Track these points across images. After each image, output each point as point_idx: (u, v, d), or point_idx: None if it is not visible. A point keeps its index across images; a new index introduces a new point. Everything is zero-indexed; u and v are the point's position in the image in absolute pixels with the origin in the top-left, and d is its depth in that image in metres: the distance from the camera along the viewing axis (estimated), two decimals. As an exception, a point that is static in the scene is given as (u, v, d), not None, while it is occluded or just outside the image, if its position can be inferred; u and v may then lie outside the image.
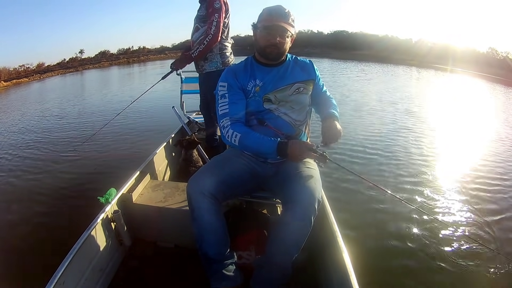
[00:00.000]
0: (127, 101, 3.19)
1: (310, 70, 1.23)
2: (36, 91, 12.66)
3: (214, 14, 1.81)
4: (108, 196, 1.31)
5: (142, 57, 30.59)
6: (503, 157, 3.53)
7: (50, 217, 2.13)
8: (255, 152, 1.14)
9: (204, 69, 2.03)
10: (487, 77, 17.22)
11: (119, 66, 23.43)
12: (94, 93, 9.73)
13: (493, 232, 2.01)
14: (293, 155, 1.02)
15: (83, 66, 23.93)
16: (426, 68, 19.20)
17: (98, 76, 16.69)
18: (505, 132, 4.75)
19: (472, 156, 3.48)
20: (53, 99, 8.94)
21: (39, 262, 1.50)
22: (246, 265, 1.19)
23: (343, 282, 0.96)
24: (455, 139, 4.26)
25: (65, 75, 18.99)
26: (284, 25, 1.07)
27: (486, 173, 3.01)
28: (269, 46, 1.11)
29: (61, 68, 23.14)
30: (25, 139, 4.30)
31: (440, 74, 16.76)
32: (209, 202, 1.01)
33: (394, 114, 5.51)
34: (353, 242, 1.33)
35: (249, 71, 1.18)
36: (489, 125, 5.23)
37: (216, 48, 1.97)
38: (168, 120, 4.46)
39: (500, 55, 25.88)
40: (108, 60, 28.43)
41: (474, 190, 2.61)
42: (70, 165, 3.13)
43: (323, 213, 1.26)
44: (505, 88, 12.64)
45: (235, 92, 1.15)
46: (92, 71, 20.66)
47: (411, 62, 22.17)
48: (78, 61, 27.91)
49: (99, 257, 1.19)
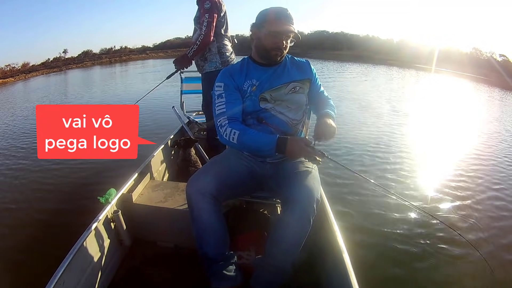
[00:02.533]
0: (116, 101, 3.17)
1: (307, 70, 1.23)
2: (29, 89, 12.48)
3: (205, 14, 1.87)
4: (108, 196, 1.31)
5: (124, 57, 30.38)
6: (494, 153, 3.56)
7: (50, 217, 2.12)
8: (253, 150, 1.12)
9: (204, 69, 2.05)
10: (471, 77, 17.30)
11: (101, 66, 23.21)
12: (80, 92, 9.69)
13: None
14: (291, 152, 1.01)
15: (66, 66, 23.68)
16: (408, 68, 19.05)
17: (81, 76, 16.34)
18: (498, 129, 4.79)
19: (470, 154, 3.51)
20: (41, 97, 8.92)
21: (39, 262, 1.50)
22: (246, 265, 1.19)
23: (343, 282, 0.96)
24: (442, 135, 4.34)
25: (49, 75, 18.62)
26: (292, 29, 1.09)
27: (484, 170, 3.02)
28: (275, 49, 1.12)
29: (46, 67, 22.85)
30: (24, 137, 4.30)
31: (422, 74, 16.65)
32: (208, 202, 1.01)
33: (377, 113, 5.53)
34: (353, 242, 1.32)
35: (245, 71, 1.18)
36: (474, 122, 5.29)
37: (214, 47, 1.99)
38: (168, 120, 4.46)
39: (484, 55, 25.85)
40: (91, 59, 28.23)
41: (474, 189, 2.62)
42: (70, 165, 3.12)
43: (323, 213, 1.26)
44: (488, 87, 12.75)
45: (231, 92, 1.15)
46: (75, 70, 20.44)
47: (392, 62, 22.03)
48: (62, 61, 27.54)
49: (99, 257, 1.19)
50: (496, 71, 18.58)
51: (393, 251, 1.81)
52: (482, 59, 24.73)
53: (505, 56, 24.77)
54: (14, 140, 4.32)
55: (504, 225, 2.13)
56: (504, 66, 21.05)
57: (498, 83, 14.69)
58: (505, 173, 3.10)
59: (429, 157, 3.38)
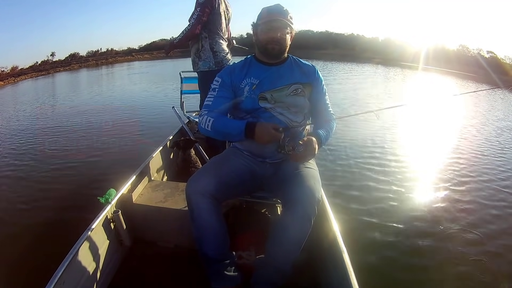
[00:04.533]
0: (112, 102, 3.15)
1: (311, 74, 1.22)
2: (25, 91, 12.39)
3: (197, 8, 1.94)
4: (108, 196, 1.31)
5: (110, 59, 30.64)
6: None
7: (50, 217, 2.12)
8: (225, 135, 1.14)
9: (198, 67, 2.10)
10: (459, 74, 17.32)
11: (88, 69, 23.23)
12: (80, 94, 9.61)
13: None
14: (259, 136, 1.02)
15: (54, 69, 23.63)
16: (393, 66, 18.99)
17: (68, 80, 15.90)
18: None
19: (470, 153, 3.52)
20: (34, 99, 8.87)
21: (39, 262, 1.50)
22: (246, 265, 1.19)
23: (343, 282, 0.96)
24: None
25: (37, 78, 18.39)
26: (280, 18, 1.10)
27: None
28: (271, 42, 1.12)
29: (34, 71, 22.83)
30: (24, 137, 4.30)
31: (408, 72, 16.58)
32: (208, 202, 1.01)
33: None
34: (353, 242, 1.32)
35: (246, 69, 1.19)
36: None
37: (207, 43, 2.04)
38: (168, 120, 4.46)
39: (471, 52, 25.87)
40: (78, 62, 28.34)
41: (474, 187, 2.62)
42: (70, 165, 3.12)
43: (323, 213, 1.26)
44: (475, 84, 12.77)
45: (225, 90, 1.17)
46: (62, 74, 20.35)
47: (377, 61, 21.95)
48: (49, 64, 27.48)
49: (99, 257, 1.19)
50: (483, 68, 18.65)
51: (393, 251, 1.80)
52: (470, 56, 24.79)
53: (493, 52, 24.84)
54: (13, 138, 4.32)
55: (504, 224, 2.13)
56: (491, 63, 21.12)
57: (485, 80, 14.80)
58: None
59: (428, 157, 3.39)
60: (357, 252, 1.21)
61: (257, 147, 1.15)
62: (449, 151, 3.58)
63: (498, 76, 15.38)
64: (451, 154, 3.48)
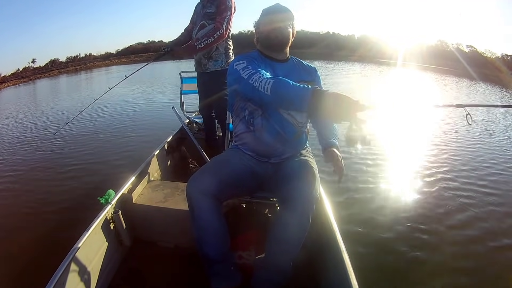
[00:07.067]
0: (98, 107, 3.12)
1: (313, 74, 1.25)
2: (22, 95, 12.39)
3: (227, 11, 1.87)
4: (108, 197, 1.31)
5: (89, 64, 31.08)
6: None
7: (50, 217, 2.12)
8: (287, 100, 0.91)
9: (207, 68, 2.01)
10: (438, 69, 17.52)
11: (67, 74, 23.40)
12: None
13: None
14: (335, 104, 0.79)
15: (35, 76, 23.78)
16: (371, 64, 18.96)
17: (49, 86, 15.50)
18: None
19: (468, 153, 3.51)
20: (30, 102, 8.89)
21: (39, 262, 1.50)
22: (246, 265, 1.19)
23: (343, 282, 0.95)
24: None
25: (18, 86, 18.21)
26: (285, 14, 1.14)
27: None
28: (273, 31, 1.13)
29: (16, 78, 22.98)
30: (25, 138, 4.30)
31: (386, 68, 16.67)
32: (209, 202, 1.01)
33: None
34: (353, 241, 1.33)
35: (257, 62, 1.14)
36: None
37: (222, 47, 1.98)
38: (168, 120, 4.46)
39: (450, 47, 25.98)
40: (58, 68, 28.75)
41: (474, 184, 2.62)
42: (70, 165, 3.12)
43: (323, 212, 1.26)
44: (456, 78, 13.05)
45: (256, 65, 1.08)
46: (43, 80, 20.28)
47: (354, 58, 21.95)
48: (30, 71, 27.79)
49: (99, 257, 1.19)
50: (461, 62, 18.91)
51: (393, 250, 1.80)
52: (448, 51, 24.90)
53: (473, 46, 24.95)
54: (13, 138, 4.33)
55: (505, 224, 2.14)
56: (471, 57, 21.21)
57: (463, 74, 15.18)
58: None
59: (430, 155, 3.38)
60: (357, 251, 1.21)
61: (263, 146, 1.15)
62: (449, 151, 3.58)
63: (473, 69, 15.87)
64: (451, 154, 3.47)
